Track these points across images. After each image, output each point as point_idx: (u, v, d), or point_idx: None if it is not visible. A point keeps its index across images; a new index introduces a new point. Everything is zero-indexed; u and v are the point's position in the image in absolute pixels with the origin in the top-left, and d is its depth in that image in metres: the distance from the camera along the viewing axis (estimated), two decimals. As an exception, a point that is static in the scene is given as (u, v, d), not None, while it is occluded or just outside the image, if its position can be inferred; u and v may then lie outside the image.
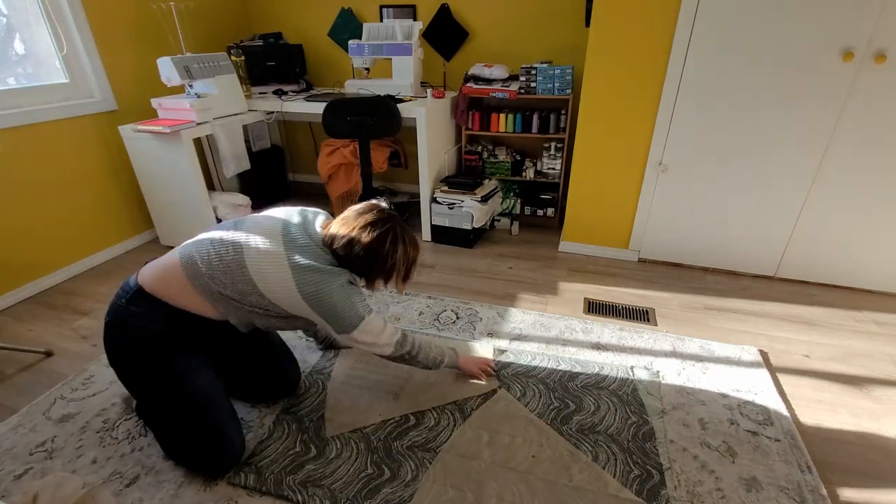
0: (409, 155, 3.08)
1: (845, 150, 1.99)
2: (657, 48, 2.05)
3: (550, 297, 2.20)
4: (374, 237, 1.25)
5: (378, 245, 1.26)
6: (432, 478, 1.31)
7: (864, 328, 1.97)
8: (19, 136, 2.14)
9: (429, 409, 1.54)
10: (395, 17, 3.02)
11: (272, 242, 1.23)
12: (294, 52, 3.15)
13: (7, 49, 2.19)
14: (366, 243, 1.25)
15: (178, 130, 2.30)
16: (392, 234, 1.28)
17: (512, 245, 2.75)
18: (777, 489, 1.28)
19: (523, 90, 2.63)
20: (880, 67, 1.81)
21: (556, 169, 2.81)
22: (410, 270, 1.35)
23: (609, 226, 2.51)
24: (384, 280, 1.32)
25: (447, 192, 2.66)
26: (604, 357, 1.78)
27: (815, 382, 1.68)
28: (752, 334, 1.93)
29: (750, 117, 2.04)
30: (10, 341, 1.92)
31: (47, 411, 1.55)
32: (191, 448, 1.29)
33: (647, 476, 1.31)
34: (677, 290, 2.25)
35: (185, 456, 1.32)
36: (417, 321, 2.00)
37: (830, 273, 2.25)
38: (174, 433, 1.30)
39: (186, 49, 2.87)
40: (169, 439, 1.33)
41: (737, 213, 2.24)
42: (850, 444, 1.44)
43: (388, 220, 1.29)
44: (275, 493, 1.27)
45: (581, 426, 1.47)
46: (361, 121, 2.49)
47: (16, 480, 1.32)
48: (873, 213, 2.06)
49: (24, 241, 2.22)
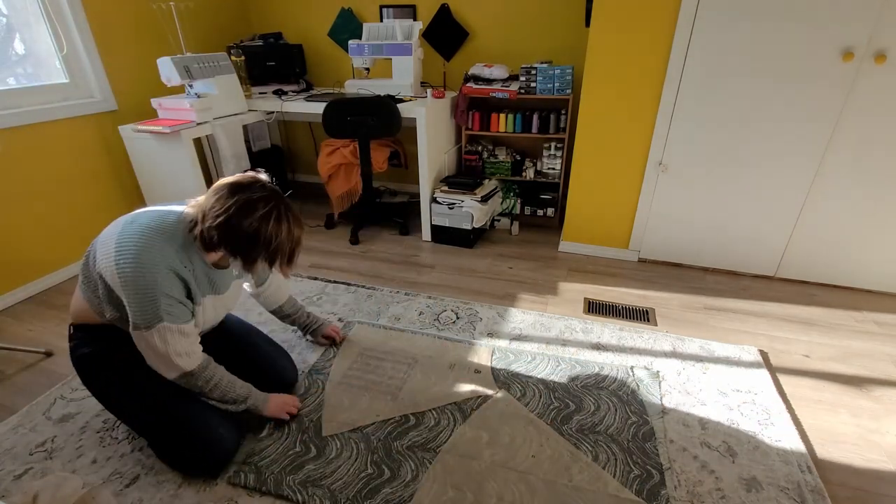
0: (409, 155, 3.08)
1: (846, 149, 1.99)
2: (657, 48, 2.05)
3: (550, 297, 2.20)
4: (256, 218, 1.11)
5: (260, 227, 1.12)
6: (432, 478, 1.31)
7: (864, 328, 1.97)
8: (19, 136, 2.14)
9: (429, 410, 1.54)
10: (395, 17, 3.02)
11: (120, 221, 1.19)
12: (294, 52, 3.15)
13: (7, 49, 2.19)
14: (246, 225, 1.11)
15: (178, 130, 2.30)
16: (276, 214, 1.15)
17: (512, 245, 2.75)
18: (777, 489, 1.28)
19: (523, 90, 2.63)
20: (880, 68, 1.81)
21: (556, 169, 2.81)
22: (295, 252, 1.22)
23: (609, 226, 2.51)
24: (268, 264, 1.18)
25: (447, 192, 2.66)
26: (604, 357, 1.78)
27: (815, 382, 1.68)
28: (751, 334, 1.93)
29: (750, 117, 2.04)
30: (10, 341, 1.92)
31: (47, 411, 1.55)
32: (179, 448, 1.29)
33: (647, 476, 1.31)
34: (677, 290, 2.25)
35: (176, 457, 1.31)
36: (417, 321, 2.00)
37: (830, 273, 2.25)
38: (161, 436, 1.30)
39: (186, 49, 2.87)
40: (159, 444, 1.33)
41: (737, 212, 2.24)
42: (850, 444, 1.44)
43: (271, 198, 1.15)
44: (275, 493, 1.27)
45: (581, 426, 1.47)
46: (361, 121, 2.49)
47: (16, 480, 1.32)
48: (873, 212, 2.06)
49: (24, 241, 2.22)
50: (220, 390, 1.30)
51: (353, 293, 2.22)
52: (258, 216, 1.12)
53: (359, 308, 2.10)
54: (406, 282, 2.34)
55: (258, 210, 1.12)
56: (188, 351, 1.22)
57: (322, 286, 2.28)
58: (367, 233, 2.92)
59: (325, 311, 2.08)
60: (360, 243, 2.78)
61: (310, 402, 1.57)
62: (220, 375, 1.31)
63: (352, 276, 2.39)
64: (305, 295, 2.20)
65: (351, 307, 2.11)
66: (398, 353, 1.80)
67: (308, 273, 2.42)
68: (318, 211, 3.22)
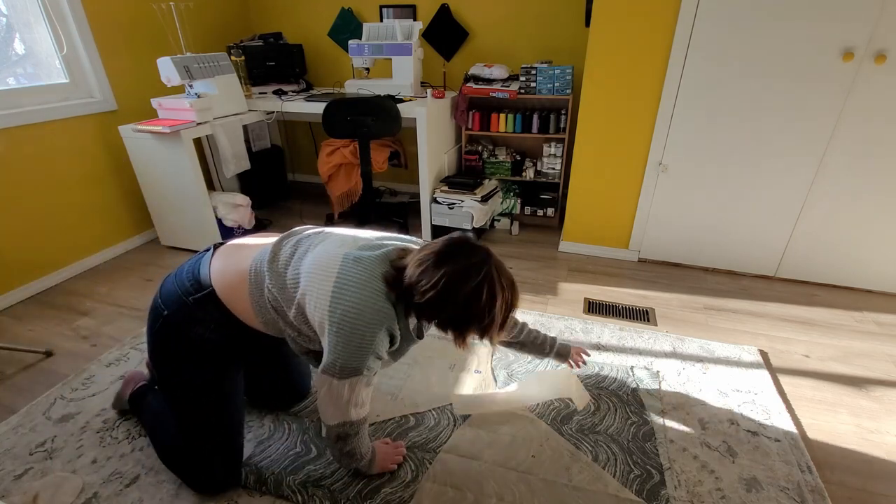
0: (409, 155, 3.08)
1: (845, 149, 1.98)
2: (657, 48, 2.05)
3: (550, 297, 2.20)
4: (467, 293, 0.98)
5: (471, 300, 0.99)
6: (432, 478, 1.31)
7: (864, 328, 1.97)
8: (19, 136, 2.14)
9: (429, 410, 1.54)
10: (395, 17, 3.02)
11: (335, 248, 1.07)
12: (294, 52, 3.15)
13: (7, 49, 2.19)
14: (459, 299, 0.99)
15: (178, 130, 2.30)
16: (488, 284, 1.00)
17: (512, 245, 2.75)
18: (777, 489, 1.28)
19: (523, 90, 2.63)
20: (880, 67, 1.81)
21: (556, 169, 2.81)
22: (507, 318, 1.07)
23: (609, 226, 2.51)
24: (479, 335, 1.05)
25: (447, 192, 2.66)
26: (604, 357, 1.78)
27: (815, 382, 1.68)
28: (752, 334, 1.93)
29: (750, 117, 2.04)
30: (10, 341, 1.92)
31: (47, 411, 1.55)
32: (200, 464, 1.24)
33: (647, 476, 1.31)
34: (677, 290, 2.25)
35: (189, 468, 1.26)
36: (417, 321, 2.00)
37: (830, 273, 2.25)
38: (191, 445, 1.23)
39: (186, 49, 2.87)
40: (178, 448, 1.26)
41: (737, 212, 2.24)
42: (850, 443, 1.44)
43: (483, 264, 1.01)
44: (275, 493, 1.27)
45: (581, 426, 1.47)
46: (361, 121, 2.49)
47: (16, 480, 1.31)
48: (874, 212, 2.06)
49: (24, 241, 2.22)
50: (357, 444, 1.18)
51: (353, 293, 2.21)
52: (470, 289, 0.99)
53: (359, 308, 2.10)
54: (406, 282, 2.34)
55: (470, 281, 0.99)
56: (365, 401, 1.13)
57: (322, 286, 2.28)
58: (367, 233, 2.91)
59: (325, 311, 2.07)
60: (360, 243, 2.78)
61: (310, 402, 1.57)
62: (365, 430, 1.21)
63: (352, 276, 2.39)
64: (305, 295, 2.20)
65: (351, 307, 2.10)
66: (398, 353, 1.80)
67: (308, 273, 2.42)
68: (318, 211, 3.22)
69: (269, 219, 3.11)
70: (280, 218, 3.14)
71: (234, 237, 2.68)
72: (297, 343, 1.16)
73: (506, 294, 1.03)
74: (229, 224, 2.64)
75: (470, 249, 1.03)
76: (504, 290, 1.03)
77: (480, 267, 1.00)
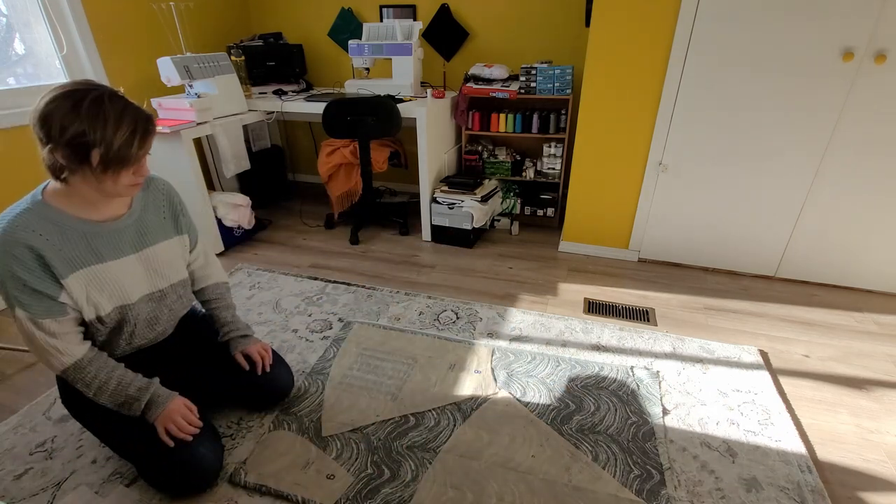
0: (409, 155, 3.08)
1: (845, 149, 1.99)
2: (657, 48, 2.05)
3: (550, 298, 2.20)
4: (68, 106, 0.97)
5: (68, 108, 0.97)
6: (432, 478, 1.31)
7: (864, 328, 1.97)
8: (19, 136, 2.14)
9: (429, 410, 1.54)
10: (395, 17, 3.02)
11: None
12: (294, 52, 3.15)
13: (7, 49, 2.19)
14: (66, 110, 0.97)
15: (178, 130, 2.30)
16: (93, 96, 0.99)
17: (512, 245, 2.75)
18: (777, 489, 1.28)
19: (523, 90, 2.63)
20: (880, 67, 1.81)
21: (556, 169, 2.81)
22: (135, 138, 1.03)
23: (609, 226, 2.51)
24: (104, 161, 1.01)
25: (447, 192, 2.66)
26: (604, 357, 1.78)
27: (814, 382, 1.68)
28: (751, 334, 1.93)
29: (750, 117, 2.04)
30: (10, 341, 1.92)
31: (47, 411, 1.55)
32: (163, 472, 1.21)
33: (647, 476, 1.31)
34: (677, 290, 2.25)
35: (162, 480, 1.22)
36: (417, 321, 2.00)
37: (830, 273, 2.25)
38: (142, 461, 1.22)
39: (186, 49, 2.87)
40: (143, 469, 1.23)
41: (737, 212, 2.24)
42: (850, 444, 1.44)
43: (90, 88, 1.01)
44: (275, 493, 1.27)
45: (581, 426, 1.47)
46: (361, 121, 2.49)
47: (16, 480, 1.31)
48: (874, 212, 2.06)
49: (24, 241, 2.21)
50: (112, 390, 1.16)
51: (353, 293, 2.22)
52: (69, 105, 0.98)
53: (359, 308, 2.10)
54: (406, 282, 2.34)
55: (69, 99, 0.98)
56: (60, 348, 1.10)
57: (322, 286, 2.28)
58: (367, 233, 2.92)
59: (325, 311, 2.08)
60: (360, 243, 2.78)
61: (309, 402, 1.57)
62: (103, 371, 1.17)
63: (352, 276, 2.39)
64: (305, 295, 2.20)
65: (351, 307, 2.11)
66: (398, 354, 1.80)
67: (308, 273, 2.42)
68: (318, 211, 3.22)
69: (269, 219, 3.11)
70: (280, 218, 3.14)
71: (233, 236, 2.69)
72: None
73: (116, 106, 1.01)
74: (229, 224, 2.64)
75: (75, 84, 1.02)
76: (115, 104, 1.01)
77: (89, 88, 1.01)
